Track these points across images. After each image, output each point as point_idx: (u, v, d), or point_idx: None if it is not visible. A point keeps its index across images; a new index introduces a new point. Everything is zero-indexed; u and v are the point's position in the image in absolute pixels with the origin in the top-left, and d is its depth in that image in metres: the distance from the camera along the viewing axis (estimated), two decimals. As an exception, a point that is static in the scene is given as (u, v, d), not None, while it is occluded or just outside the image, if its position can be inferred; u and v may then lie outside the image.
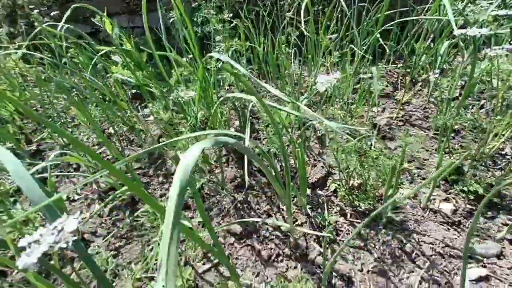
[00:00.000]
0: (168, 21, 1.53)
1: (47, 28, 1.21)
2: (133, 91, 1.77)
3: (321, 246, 0.76)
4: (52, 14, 2.25)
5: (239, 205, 0.92)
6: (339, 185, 0.91)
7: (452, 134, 1.15)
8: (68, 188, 1.07)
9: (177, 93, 0.61)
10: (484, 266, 0.68)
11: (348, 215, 0.83)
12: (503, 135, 1.00)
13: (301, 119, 1.28)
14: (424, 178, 0.99)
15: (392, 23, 1.31)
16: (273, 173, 0.65)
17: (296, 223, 0.83)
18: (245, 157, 0.74)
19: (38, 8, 2.45)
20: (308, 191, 0.95)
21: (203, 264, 0.76)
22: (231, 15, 1.37)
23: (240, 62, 1.63)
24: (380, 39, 1.44)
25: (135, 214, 0.89)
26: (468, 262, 0.70)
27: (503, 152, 1.04)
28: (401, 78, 1.65)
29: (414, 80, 1.61)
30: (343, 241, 0.77)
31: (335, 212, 0.85)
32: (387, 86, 1.64)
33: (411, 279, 0.67)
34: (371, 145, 1.21)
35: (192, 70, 0.95)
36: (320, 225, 0.82)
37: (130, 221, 0.89)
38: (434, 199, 0.88)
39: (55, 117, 1.42)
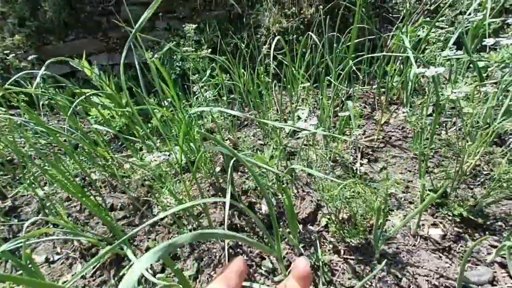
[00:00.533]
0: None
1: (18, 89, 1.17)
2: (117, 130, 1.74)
3: (317, 290, 0.74)
4: (29, 58, 2.22)
5: (230, 250, 0.89)
6: (329, 219, 0.91)
7: (431, 154, 1.19)
8: (46, 249, 1.00)
9: (150, 157, 0.60)
10: (479, 295, 0.69)
11: (342, 251, 0.82)
12: (478, 152, 1.04)
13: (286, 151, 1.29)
14: (410, 202, 1.00)
15: (363, 57, 1.39)
16: (258, 220, 0.64)
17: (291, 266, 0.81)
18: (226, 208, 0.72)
19: (14, 52, 2.41)
20: (300, 227, 0.94)
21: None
22: (209, 50, 1.41)
23: (222, 93, 1.65)
24: (353, 65, 1.52)
25: (121, 274, 0.84)
26: (464, 292, 0.70)
27: (479, 169, 1.09)
28: (377, 98, 1.72)
29: (390, 100, 1.68)
30: (339, 281, 0.76)
31: (328, 250, 0.84)
32: (365, 107, 1.71)
33: (411, 318, 0.66)
34: (356, 169, 1.23)
35: (171, 116, 0.95)
36: (315, 266, 0.80)
37: (115, 282, 0.83)
38: (423, 224, 0.89)
39: (30, 168, 1.36)
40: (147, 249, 0.92)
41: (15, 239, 0.63)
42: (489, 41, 0.73)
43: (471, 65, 1.20)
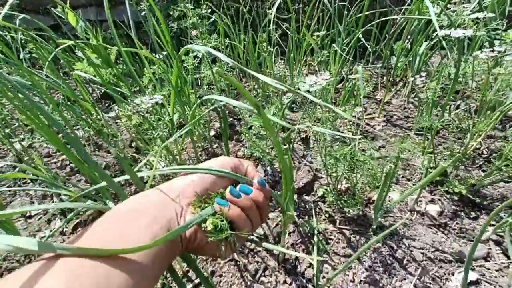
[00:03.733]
0: (139, 14, 1.41)
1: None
2: (102, 90, 1.62)
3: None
4: (8, 2, 2.00)
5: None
6: (326, 190, 0.87)
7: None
8: (23, 203, 0.93)
9: (139, 99, 0.52)
10: (473, 269, 0.68)
11: (337, 222, 0.80)
12: (480, 135, 1.02)
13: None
14: (409, 179, 0.98)
15: (373, 23, 1.31)
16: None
17: (284, 232, 0.78)
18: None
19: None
20: (295, 197, 0.90)
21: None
22: (209, 10, 1.29)
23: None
24: (363, 39, 1.44)
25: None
26: (458, 266, 0.69)
27: (480, 152, 1.07)
28: (380, 78, 1.66)
29: (393, 80, 1.63)
30: (333, 250, 0.74)
31: (324, 219, 0.81)
32: (368, 86, 1.65)
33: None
34: (354, 145, 1.20)
35: (166, 69, 0.86)
36: (309, 234, 0.77)
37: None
38: (420, 201, 0.87)
39: (7, 121, 1.25)
40: (133, 208, 0.87)
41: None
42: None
43: (486, 44, 1.14)
